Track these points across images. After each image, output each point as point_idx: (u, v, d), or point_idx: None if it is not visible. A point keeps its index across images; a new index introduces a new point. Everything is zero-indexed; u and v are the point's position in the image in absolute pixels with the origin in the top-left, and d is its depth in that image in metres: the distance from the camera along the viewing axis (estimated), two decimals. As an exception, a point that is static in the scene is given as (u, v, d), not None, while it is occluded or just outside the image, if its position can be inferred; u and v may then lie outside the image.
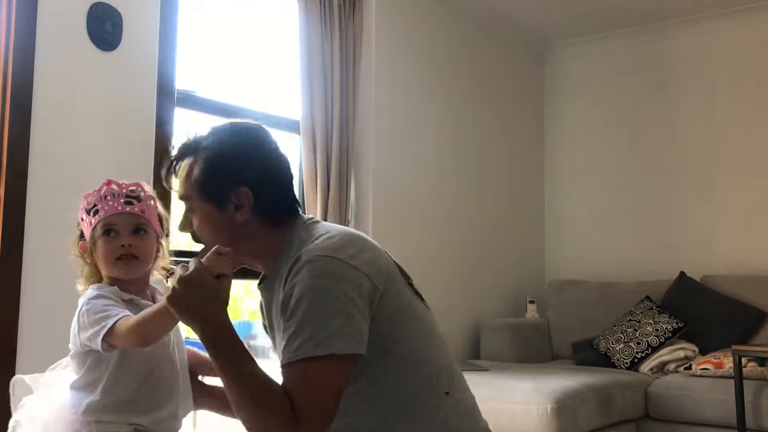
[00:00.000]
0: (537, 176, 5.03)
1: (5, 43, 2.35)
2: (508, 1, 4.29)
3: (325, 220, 3.34)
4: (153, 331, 1.39)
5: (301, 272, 1.33)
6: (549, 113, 5.10)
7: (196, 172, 1.45)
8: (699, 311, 3.91)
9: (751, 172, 4.28)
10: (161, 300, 1.51)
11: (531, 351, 4.18)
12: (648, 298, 4.09)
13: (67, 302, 2.43)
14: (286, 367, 1.30)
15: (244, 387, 1.28)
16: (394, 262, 1.49)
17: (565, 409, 2.93)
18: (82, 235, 1.57)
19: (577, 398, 3.03)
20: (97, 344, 1.40)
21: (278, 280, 1.42)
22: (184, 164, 1.48)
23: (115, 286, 1.50)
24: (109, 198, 1.53)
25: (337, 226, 1.50)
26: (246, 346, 1.35)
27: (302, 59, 3.36)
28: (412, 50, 4.02)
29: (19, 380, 1.56)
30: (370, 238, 1.47)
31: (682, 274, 4.15)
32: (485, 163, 4.53)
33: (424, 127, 4.07)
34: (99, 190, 1.54)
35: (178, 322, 1.38)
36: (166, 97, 2.81)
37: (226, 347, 1.30)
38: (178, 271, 1.32)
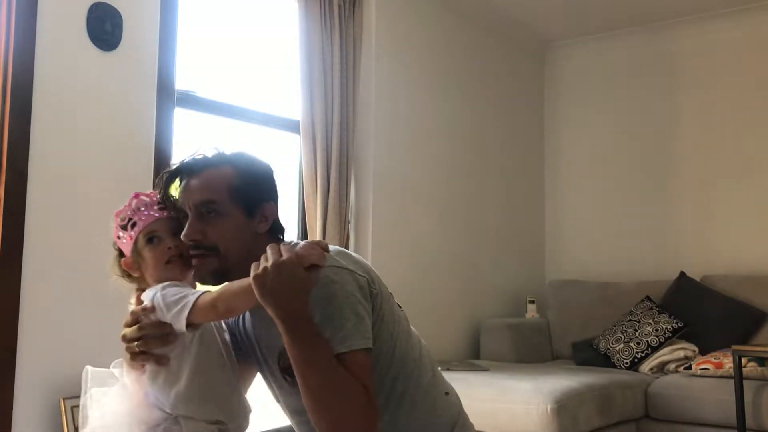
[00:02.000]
0: (537, 176, 5.03)
1: (5, 43, 2.35)
2: (508, 1, 4.29)
3: (325, 220, 3.34)
4: (238, 303, 1.41)
5: None
6: (549, 113, 5.10)
7: (233, 179, 1.49)
8: (699, 311, 3.91)
9: (751, 172, 4.28)
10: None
11: (531, 351, 4.18)
12: (648, 298, 4.09)
13: (67, 302, 2.44)
14: None
15: (329, 376, 1.32)
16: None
17: (565, 409, 2.93)
18: (121, 254, 1.59)
19: (577, 398, 3.02)
20: (181, 323, 1.41)
21: None
22: (215, 171, 1.50)
23: (180, 273, 1.52)
24: (143, 208, 1.56)
25: None
26: None
27: (302, 59, 3.36)
28: (412, 50, 4.02)
29: (90, 371, 1.57)
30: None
31: (682, 274, 4.15)
32: (485, 163, 4.53)
33: (424, 127, 4.07)
34: (129, 204, 1.57)
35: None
36: (166, 97, 2.81)
37: (306, 335, 1.33)
38: (270, 254, 1.32)
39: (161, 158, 2.75)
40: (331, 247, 1.50)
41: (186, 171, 1.53)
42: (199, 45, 3.16)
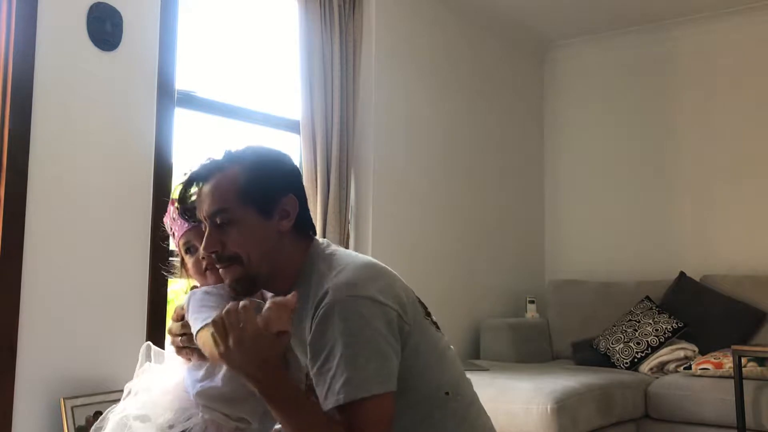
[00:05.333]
0: (537, 176, 5.03)
1: (5, 43, 2.35)
2: (508, 1, 4.29)
3: (325, 220, 3.34)
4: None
5: (332, 316, 1.31)
6: (549, 113, 5.10)
7: (241, 180, 1.41)
8: (699, 311, 3.91)
9: (751, 172, 4.28)
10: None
11: (531, 351, 4.18)
12: (648, 298, 4.09)
13: (67, 302, 2.44)
14: (332, 412, 1.31)
15: None
16: (412, 291, 1.50)
17: (565, 409, 2.93)
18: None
19: (577, 398, 3.03)
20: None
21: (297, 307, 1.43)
22: (222, 176, 1.42)
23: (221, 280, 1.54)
24: (176, 218, 1.57)
25: (355, 256, 1.47)
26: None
27: (302, 59, 3.36)
28: (412, 50, 4.02)
29: (148, 347, 1.62)
30: (389, 269, 1.47)
31: (682, 274, 4.15)
32: (485, 163, 4.53)
33: (424, 127, 4.07)
34: (168, 212, 1.59)
35: None
36: (166, 97, 2.81)
37: (286, 400, 1.28)
38: (228, 324, 1.24)
39: (161, 158, 2.75)
40: (363, 262, 1.42)
41: (197, 179, 1.47)
42: (199, 45, 3.16)
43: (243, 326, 1.23)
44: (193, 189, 1.50)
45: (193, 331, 1.43)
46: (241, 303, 1.26)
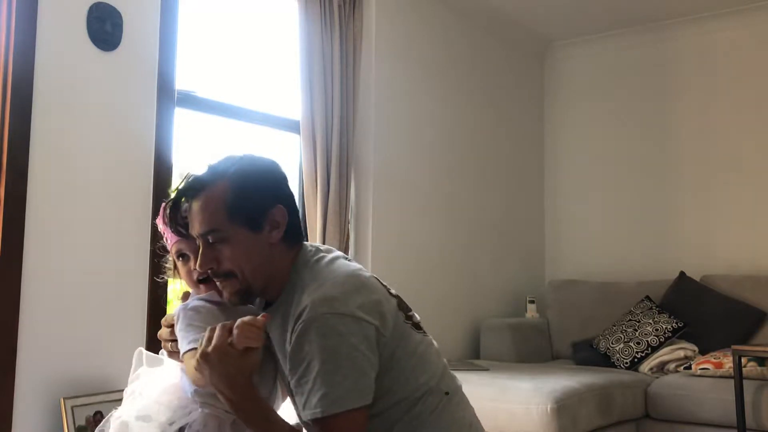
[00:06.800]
0: (537, 176, 5.03)
1: (5, 43, 2.35)
2: (508, 1, 4.29)
3: (325, 220, 3.34)
4: (198, 381, 1.43)
5: (310, 332, 1.34)
6: (549, 113, 5.10)
7: (228, 197, 1.42)
8: (699, 311, 3.91)
9: (751, 171, 4.28)
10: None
11: (531, 351, 4.18)
12: (648, 298, 4.09)
13: (67, 302, 2.44)
14: (309, 424, 1.36)
15: None
16: (394, 295, 1.51)
17: (565, 409, 2.93)
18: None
19: (577, 398, 3.03)
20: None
21: (280, 315, 1.45)
22: (210, 193, 1.44)
23: (214, 290, 1.54)
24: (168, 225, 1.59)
25: (338, 266, 1.48)
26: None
27: (302, 59, 3.36)
28: (412, 50, 4.02)
29: (140, 353, 1.64)
30: (371, 277, 1.48)
31: (682, 274, 4.15)
32: (485, 163, 4.53)
33: (424, 127, 4.07)
34: (161, 216, 1.58)
35: None
36: (166, 97, 2.81)
37: (255, 416, 1.35)
38: (204, 341, 1.31)
39: (161, 158, 2.75)
40: (345, 274, 1.43)
41: (185, 196, 1.49)
42: (199, 45, 3.16)
43: (212, 344, 1.30)
44: (183, 204, 1.52)
45: (181, 350, 1.46)
46: (219, 324, 1.32)
